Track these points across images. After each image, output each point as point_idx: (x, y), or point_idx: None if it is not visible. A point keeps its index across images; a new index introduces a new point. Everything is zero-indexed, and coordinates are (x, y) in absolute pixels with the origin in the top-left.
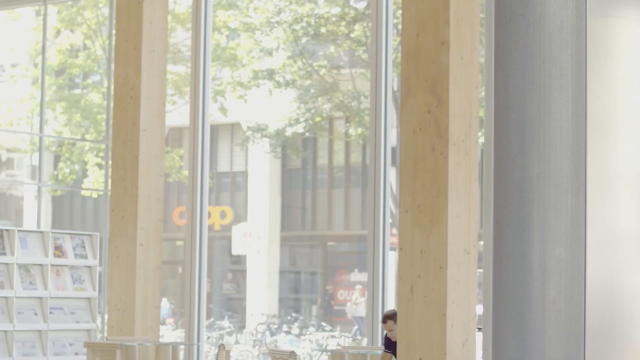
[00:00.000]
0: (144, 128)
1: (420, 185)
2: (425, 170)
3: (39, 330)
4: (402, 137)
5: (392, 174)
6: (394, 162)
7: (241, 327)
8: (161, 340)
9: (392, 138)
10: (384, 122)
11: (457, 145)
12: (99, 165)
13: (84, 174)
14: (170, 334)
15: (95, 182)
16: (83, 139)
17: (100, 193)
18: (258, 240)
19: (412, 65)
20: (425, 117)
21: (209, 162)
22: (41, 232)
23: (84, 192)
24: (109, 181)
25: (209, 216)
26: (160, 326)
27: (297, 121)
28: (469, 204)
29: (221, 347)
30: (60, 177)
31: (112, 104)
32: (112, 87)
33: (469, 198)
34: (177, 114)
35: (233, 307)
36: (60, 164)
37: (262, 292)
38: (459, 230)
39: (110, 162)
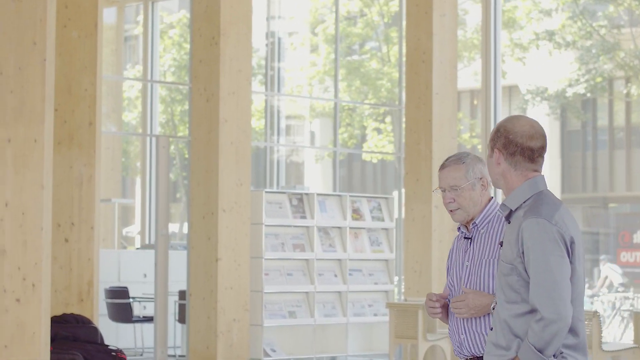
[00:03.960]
0: (437, 91)
1: None
2: None
3: (339, 292)
4: None
5: None
6: None
7: None
8: None
9: None
10: None
11: None
12: (377, 130)
13: (363, 139)
14: None
15: (374, 146)
16: (374, 104)
17: (387, 158)
18: None
19: None
20: None
21: None
22: (339, 195)
23: (365, 157)
24: (403, 145)
25: None
26: None
27: (577, 82)
28: None
29: None
30: (340, 142)
31: (404, 69)
32: (404, 52)
33: None
34: None
35: None
36: (341, 129)
37: None
38: None
39: (403, 126)
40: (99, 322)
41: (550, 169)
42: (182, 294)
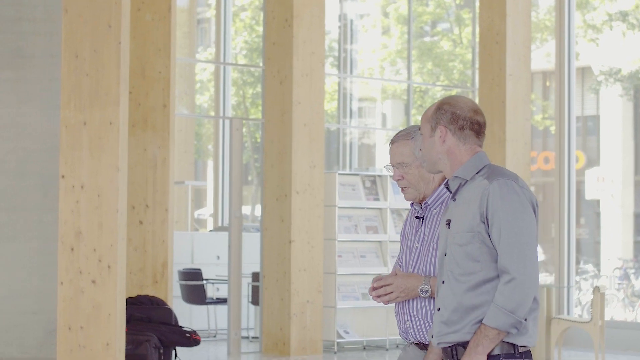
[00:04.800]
0: (510, 73)
1: None
2: None
3: None
4: None
5: None
6: None
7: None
8: None
9: None
10: None
11: None
12: None
13: None
14: None
15: None
16: (446, 86)
17: None
18: (611, 184)
19: None
20: None
21: (575, 106)
22: None
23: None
24: None
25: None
26: None
27: None
28: None
29: (596, 289)
30: (412, 123)
31: (477, 50)
32: (477, 33)
33: None
34: None
35: (586, 251)
36: (412, 111)
37: (616, 236)
38: None
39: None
40: (173, 304)
41: (624, 151)
42: (255, 276)
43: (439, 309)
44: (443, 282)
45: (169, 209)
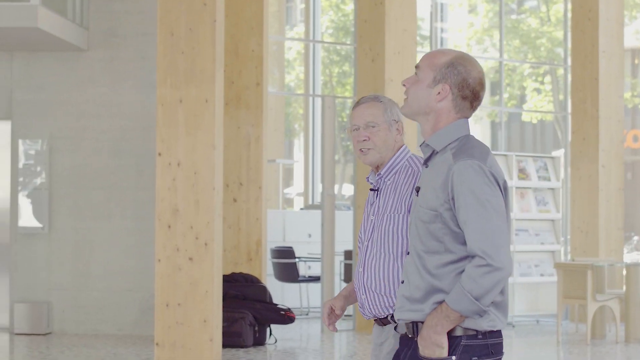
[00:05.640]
0: (603, 50)
1: None
2: None
3: None
4: None
5: None
6: None
7: None
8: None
9: None
10: None
11: None
12: (537, 90)
13: (522, 99)
14: None
15: (534, 106)
16: (537, 63)
17: (545, 118)
18: None
19: None
20: None
21: None
22: (505, 155)
23: (524, 117)
24: (562, 105)
25: None
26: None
27: None
28: None
29: None
30: (503, 100)
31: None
32: (569, 9)
33: None
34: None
35: None
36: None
37: None
38: None
39: (563, 85)
40: (266, 282)
41: None
42: (347, 254)
43: (402, 282)
44: (408, 253)
45: (262, 187)
